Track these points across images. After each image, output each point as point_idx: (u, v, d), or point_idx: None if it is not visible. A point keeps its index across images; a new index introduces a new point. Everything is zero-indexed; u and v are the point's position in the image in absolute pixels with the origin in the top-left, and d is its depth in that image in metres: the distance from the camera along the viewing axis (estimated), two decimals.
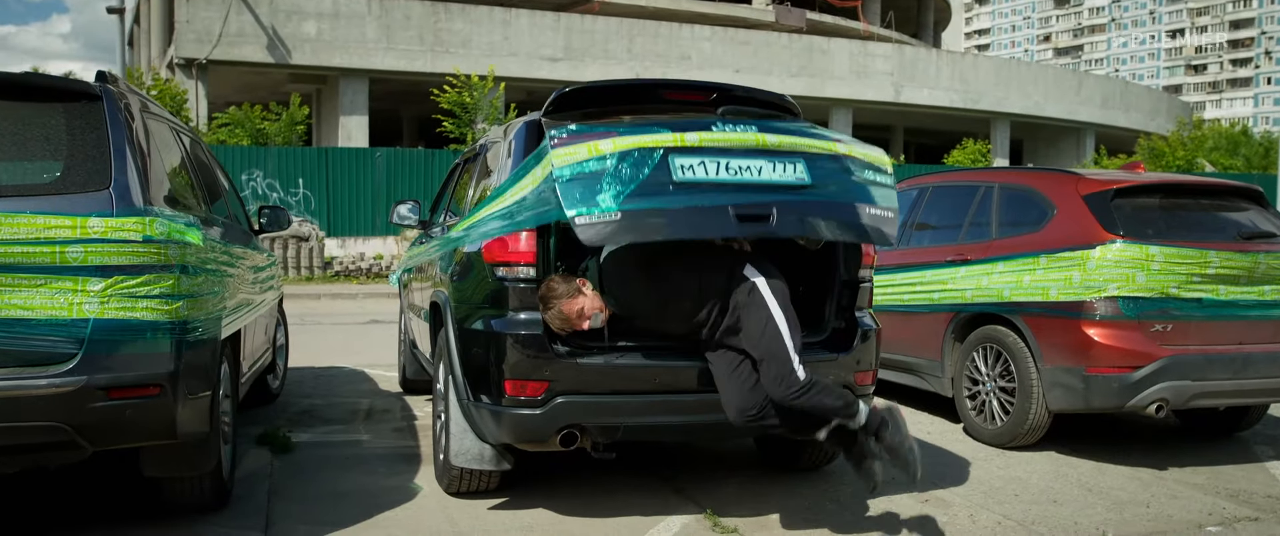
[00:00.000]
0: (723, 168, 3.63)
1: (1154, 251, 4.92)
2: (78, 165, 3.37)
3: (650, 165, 3.54)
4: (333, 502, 4.31)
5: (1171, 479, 4.95)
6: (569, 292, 3.71)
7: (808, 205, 3.71)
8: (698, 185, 3.58)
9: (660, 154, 3.56)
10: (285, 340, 7.08)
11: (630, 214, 3.45)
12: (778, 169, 3.70)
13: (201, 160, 4.96)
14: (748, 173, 3.65)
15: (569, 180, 3.44)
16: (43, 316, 3.17)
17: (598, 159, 3.50)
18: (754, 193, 3.66)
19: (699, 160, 3.61)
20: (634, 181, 3.49)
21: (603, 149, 3.51)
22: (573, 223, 3.40)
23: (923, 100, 30.47)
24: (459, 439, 4.12)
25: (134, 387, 3.29)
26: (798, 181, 3.71)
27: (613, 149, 3.52)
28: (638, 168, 3.52)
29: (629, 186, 3.48)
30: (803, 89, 28.18)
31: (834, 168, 3.83)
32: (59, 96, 3.48)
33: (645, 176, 3.51)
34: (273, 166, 19.58)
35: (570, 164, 3.47)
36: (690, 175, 3.57)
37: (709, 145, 3.66)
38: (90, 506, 4.15)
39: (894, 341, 6.35)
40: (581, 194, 3.43)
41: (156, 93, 20.47)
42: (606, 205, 3.43)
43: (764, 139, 3.73)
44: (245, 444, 5.29)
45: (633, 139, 3.56)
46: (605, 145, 3.51)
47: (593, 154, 3.50)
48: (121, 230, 3.27)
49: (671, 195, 3.53)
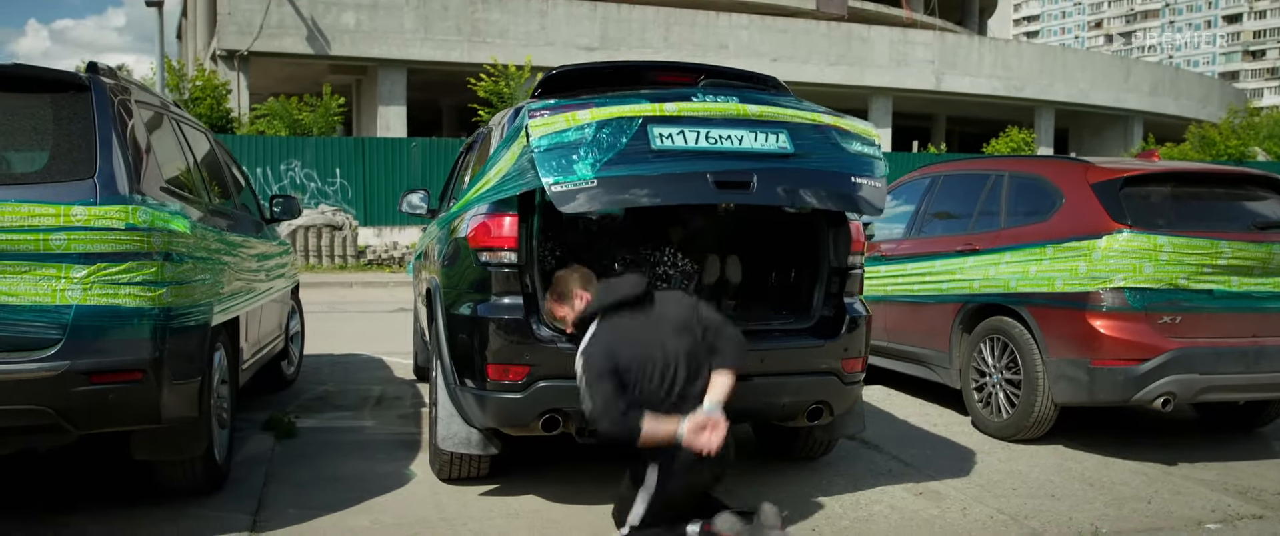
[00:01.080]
0: (702, 136, 3.61)
1: (1162, 241, 4.80)
2: (63, 154, 3.44)
3: (628, 134, 3.53)
4: (327, 487, 4.36)
5: (1179, 474, 4.84)
6: (565, 293, 3.63)
7: (791, 173, 3.67)
8: (676, 153, 3.56)
9: (638, 123, 3.55)
10: (301, 327, 7.17)
11: (607, 181, 3.45)
12: (759, 138, 3.67)
13: (205, 150, 5.03)
14: (728, 141, 3.63)
15: (546, 149, 3.45)
16: (26, 302, 3.25)
17: (576, 128, 3.51)
18: (734, 160, 3.62)
19: (678, 129, 3.59)
20: (612, 150, 3.49)
21: (580, 119, 3.52)
22: (548, 190, 3.41)
23: (964, 88, 30.02)
24: (446, 423, 4.15)
25: (116, 372, 3.35)
26: (780, 150, 3.67)
27: (590, 118, 3.53)
28: (616, 136, 3.52)
29: (606, 154, 3.48)
30: (841, 77, 27.93)
31: (818, 138, 3.78)
32: (47, 87, 3.55)
33: (623, 145, 3.51)
34: (310, 156, 19.85)
35: (547, 134, 3.48)
36: (669, 144, 3.56)
37: (688, 115, 3.64)
38: (85, 488, 4.24)
39: (903, 332, 6.30)
40: (558, 162, 3.44)
41: (200, 84, 20.84)
42: (583, 173, 3.44)
43: (745, 109, 3.70)
44: (250, 428, 5.38)
45: (610, 109, 3.56)
46: (583, 115, 3.52)
47: (571, 124, 3.52)
48: (104, 218, 3.34)
49: (649, 163, 3.52)
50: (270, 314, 5.70)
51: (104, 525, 3.73)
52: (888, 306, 6.42)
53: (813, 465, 4.82)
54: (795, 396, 4.05)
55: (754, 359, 3.97)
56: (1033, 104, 31.66)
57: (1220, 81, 46.27)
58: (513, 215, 3.84)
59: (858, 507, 4.22)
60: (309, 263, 16.88)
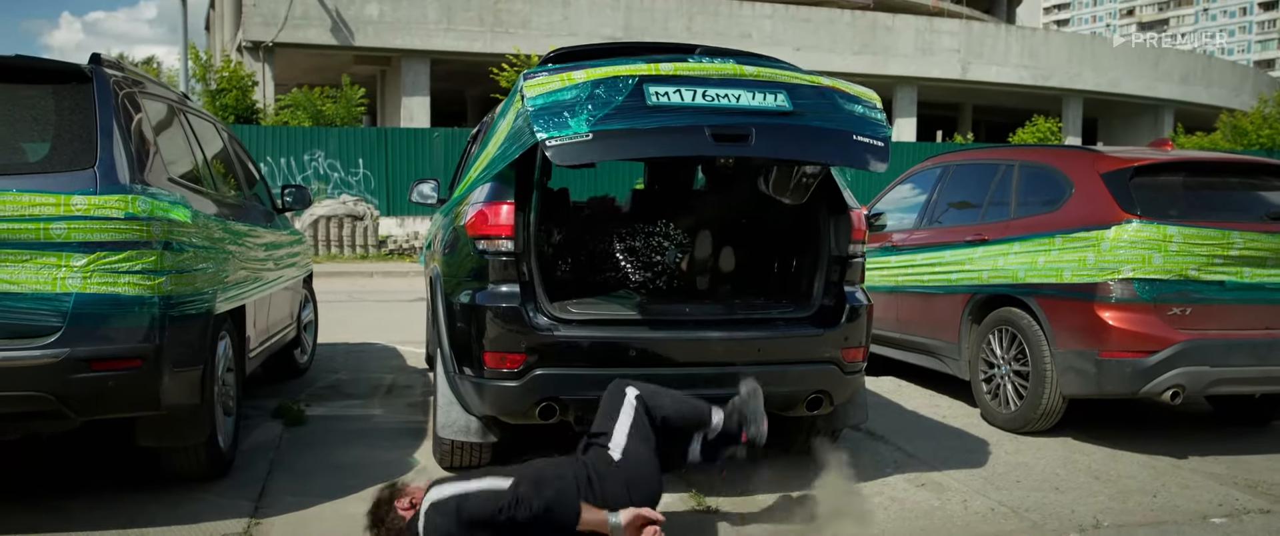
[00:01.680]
0: (699, 94, 3.55)
1: (1172, 232, 4.73)
2: (65, 144, 3.48)
3: (623, 92, 3.50)
4: (330, 474, 4.40)
5: (1188, 468, 4.78)
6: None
7: (791, 129, 3.61)
8: (673, 108, 3.52)
9: (634, 81, 3.52)
10: (314, 317, 7.23)
11: (602, 134, 3.42)
12: (758, 97, 3.61)
13: (212, 141, 5.08)
14: (726, 99, 3.57)
15: (541, 108, 3.43)
16: (28, 290, 3.30)
17: (571, 87, 3.48)
18: (731, 117, 3.57)
19: (675, 87, 3.55)
20: (608, 106, 3.46)
21: (576, 78, 3.50)
22: (543, 145, 3.37)
23: (991, 77, 29.71)
24: (446, 411, 4.17)
25: (116, 360, 3.40)
26: (778, 108, 3.62)
27: (585, 78, 3.50)
28: (611, 93, 3.49)
29: (602, 110, 3.45)
30: (865, 67, 27.71)
31: (818, 99, 3.72)
32: (49, 78, 3.60)
33: (619, 102, 3.47)
34: (334, 147, 20.00)
35: (542, 93, 3.46)
36: (664, 100, 3.51)
37: (685, 74, 3.60)
38: (89, 475, 4.30)
39: (913, 323, 6.26)
40: (553, 119, 3.41)
41: (226, 75, 21.02)
42: (578, 127, 3.41)
43: (742, 69, 3.67)
44: (260, 416, 5.43)
45: (605, 69, 3.53)
46: (578, 75, 3.50)
47: (566, 83, 3.49)
48: (104, 207, 3.38)
49: (646, 117, 3.48)
50: (280, 303, 5.75)
51: (106, 510, 3.78)
52: (898, 297, 6.38)
53: (812, 458, 4.79)
54: (794, 386, 4.04)
55: (752, 348, 3.97)
56: (1061, 93, 31.28)
57: (1254, 70, 45.42)
58: (510, 203, 3.85)
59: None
60: (330, 252, 17.02)
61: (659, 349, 3.88)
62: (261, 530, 3.70)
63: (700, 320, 4.02)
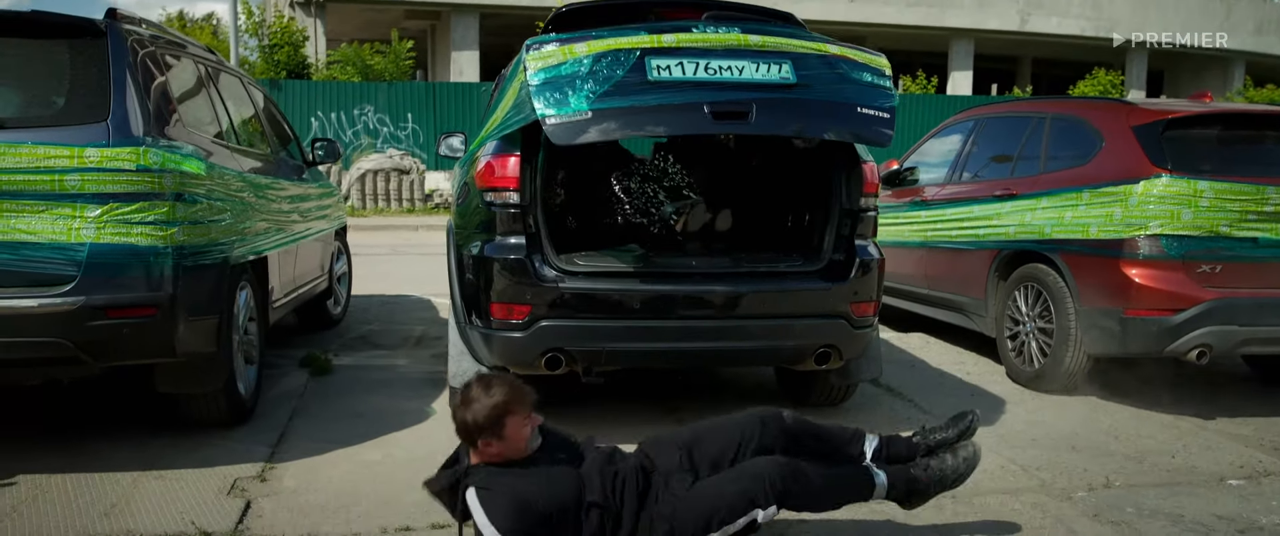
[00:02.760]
0: (701, 67, 3.56)
1: (1203, 186, 4.58)
2: (79, 98, 3.56)
3: (625, 66, 3.52)
4: (349, 422, 4.50)
5: (1215, 429, 4.67)
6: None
7: (792, 103, 3.60)
8: (674, 84, 3.53)
9: (636, 55, 3.53)
10: (348, 269, 7.35)
11: (600, 112, 3.46)
12: (761, 68, 3.60)
13: (237, 96, 5.15)
14: (728, 72, 3.57)
15: (542, 83, 3.47)
16: (44, 240, 3.40)
17: (573, 61, 3.51)
18: (733, 91, 3.57)
19: (676, 61, 3.55)
20: (608, 82, 3.49)
21: (577, 51, 3.51)
22: (543, 123, 3.42)
23: (1051, 29, 28.79)
24: (456, 361, 4.24)
25: (129, 308, 3.50)
26: (782, 80, 3.61)
27: (587, 51, 3.52)
28: (612, 68, 3.51)
29: (602, 87, 3.48)
30: (919, 19, 27.07)
31: (824, 69, 3.70)
32: (65, 32, 3.67)
33: (619, 77, 3.50)
34: (382, 102, 20.16)
35: (544, 67, 3.50)
36: (665, 75, 3.53)
37: (687, 46, 3.60)
38: (119, 421, 4.44)
39: (942, 279, 6.18)
40: (554, 96, 3.45)
41: (278, 30, 21.25)
42: (578, 104, 3.45)
43: (746, 39, 3.64)
44: (288, 365, 5.56)
45: (607, 41, 3.55)
46: (579, 48, 3.52)
47: (568, 56, 3.52)
48: (116, 159, 3.46)
49: (645, 93, 3.51)
50: (308, 254, 5.85)
51: (128, 452, 3.92)
52: (928, 252, 6.30)
53: (831, 411, 4.78)
54: (801, 339, 4.02)
55: (757, 301, 3.96)
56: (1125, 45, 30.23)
57: None
58: (516, 155, 3.87)
59: None
60: (377, 206, 17.24)
61: (661, 301, 3.89)
62: (275, 474, 3.80)
63: (707, 273, 4.01)
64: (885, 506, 3.57)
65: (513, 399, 2.76)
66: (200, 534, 3.19)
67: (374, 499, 3.57)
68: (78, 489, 3.54)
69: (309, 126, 19.40)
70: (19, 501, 3.42)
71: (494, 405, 2.73)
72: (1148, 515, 3.56)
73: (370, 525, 3.33)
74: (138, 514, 3.34)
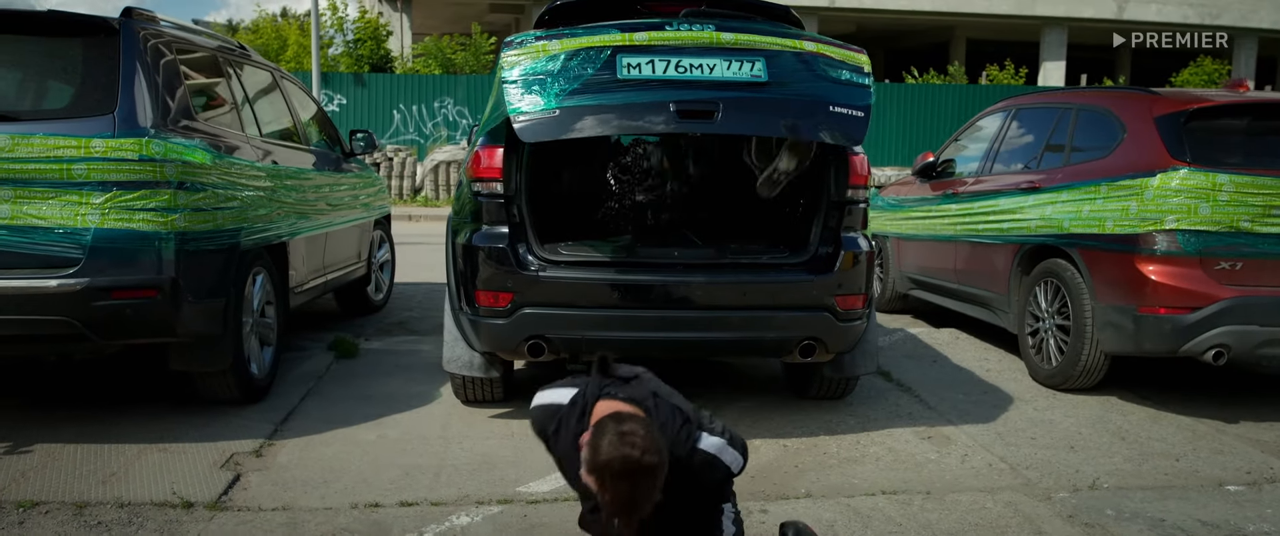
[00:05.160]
0: (672, 66, 3.62)
1: (1222, 180, 4.40)
2: (89, 91, 3.80)
3: (595, 64, 3.61)
4: (356, 404, 4.67)
5: (1233, 433, 4.49)
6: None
7: (759, 102, 3.64)
8: (643, 82, 3.60)
9: (608, 53, 3.61)
10: (391, 257, 7.57)
11: (568, 110, 3.55)
12: (732, 66, 3.64)
13: (263, 90, 5.38)
14: (698, 71, 3.63)
15: (514, 81, 3.58)
16: (53, 225, 3.64)
17: (547, 59, 3.62)
18: (702, 90, 3.62)
19: (647, 59, 3.62)
20: (578, 80, 3.58)
21: (552, 50, 3.61)
22: (512, 120, 3.53)
23: (1151, 16, 27.57)
24: (451, 346, 4.36)
25: (132, 289, 3.72)
26: (752, 79, 3.64)
27: (561, 49, 3.61)
28: (583, 66, 3.60)
29: (572, 85, 3.58)
30: (1009, 8, 26.30)
31: (797, 66, 3.72)
32: (80, 30, 3.91)
33: (589, 75, 3.59)
34: (462, 94, 20.57)
35: (518, 66, 3.60)
36: (635, 73, 3.60)
37: (659, 44, 3.66)
38: (137, 397, 4.69)
39: (970, 273, 6.07)
40: (524, 94, 3.56)
41: (361, 25, 21.90)
42: (547, 103, 3.55)
43: (719, 36, 3.67)
44: (318, 348, 5.79)
45: (581, 39, 3.63)
46: (553, 46, 3.62)
47: (542, 54, 3.63)
48: (120, 150, 3.68)
49: (613, 92, 3.59)
50: (340, 242, 6.05)
51: (139, 426, 4.16)
52: (957, 246, 6.18)
53: (832, 404, 4.76)
54: (782, 331, 4.02)
55: (736, 292, 3.97)
56: (1231, 32, 28.77)
57: None
58: (500, 147, 3.96)
59: (855, 448, 4.16)
60: (447, 197, 17.63)
61: (642, 291, 3.94)
62: (271, 450, 3.99)
63: (687, 264, 4.05)
64: (854, 502, 3.58)
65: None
66: (183, 503, 3.39)
67: (355, 476, 3.72)
68: (85, 458, 3.78)
69: (391, 118, 19.96)
70: (29, 468, 3.67)
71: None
72: (1127, 518, 3.46)
73: (342, 500, 3.48)
74: (133, 482, 3.56)
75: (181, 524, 3.24)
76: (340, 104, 19.93)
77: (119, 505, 3.36)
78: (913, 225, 6.80)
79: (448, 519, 3.34)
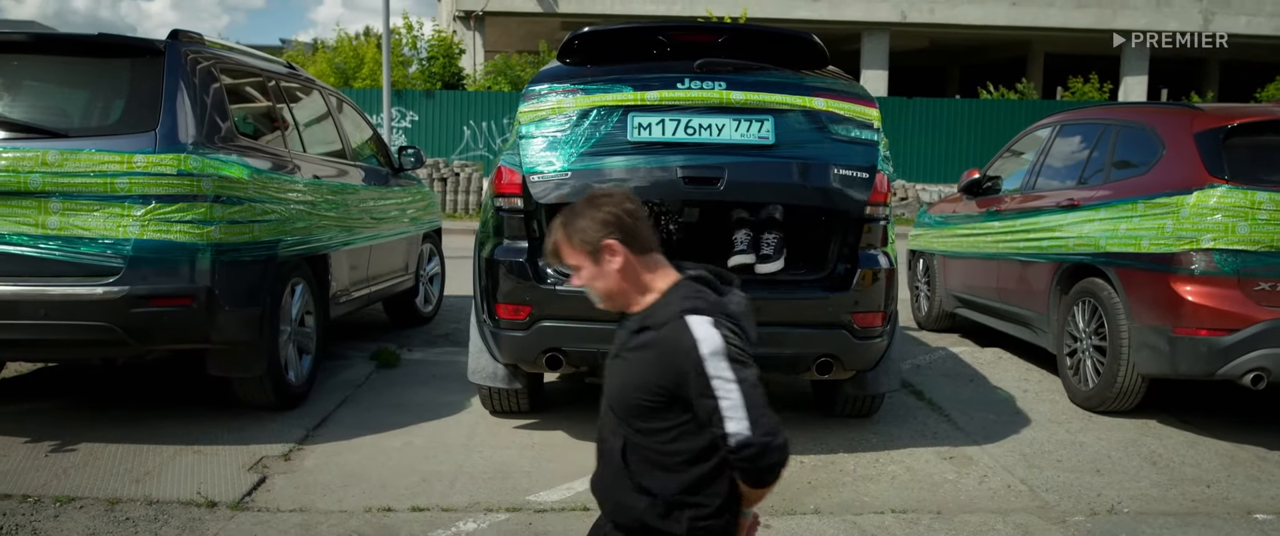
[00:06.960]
0: (682, 127, 3.78)
1: (1262, 198, 4.27)
2: (134, 110, 4.01)
3: (608, 123, 3.80)
4: (389, 412, 4.81)
5: (1276, 460, 4.34)
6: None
7: (765, 167, 3.79)
8: (652, 145, 3.76)
9: (620, 112, 3.75)
10: (441, 270, 7.75)
11: (579, 173, 3.73)
12: (741, 128, 3.79)
13: (311, 110, 5.58)
14: (707, 132, 3.78)
15: (529, 137, 3.75)
16: (97, 235, 3.85)
17: (560, 115, 3.83)
18: (709, 154, 3.79)
19: (658, 119, 3.77)
20: (590, 141, 3.78)
21: (565, 107, 3.78)
22: (527, 180, 3.68)
23: (1239, 29, 26.64)
24: (476, 357, 4.46)
25: (169, 298, 3.92)
26: (760, 141, 3.78)
27: (574, 107, 3.77)
28: (596, 126, 3.81)
29: (584, 146, 3.77)
30: (1089, 21, 25.68)
31: (806, 126, 3.87)
32: (128, 52, 4.14)
33: (601, 135, 3.79)
34: None
35: (534, 120, 3.77)
36: (646, 135, 3.76)
37: (669, 103, 3.81)
38: (181, 400, 4.90)
39: (1011, 292, 5.98)
40: (539, 151, 3.78)
41: (434, 44, 22.45)
42: (560, 164, 3.74)
43: (729, 96, 3.78)
44: (361, 357, 5.96)
45: (595, 97, 3.79)
46: (568, 103, 3.77)
47: (556, 111, 3.82)
48: (160, 165, 3.88)
49: (624, 154, 3.78)
50: (386, 255, 6.23)
51: (179, 428, 4.35)
52: (999, 264, 6.09)
53: (857, 422, 4.73)
54: (798, 348, 4.03)
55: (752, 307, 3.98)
56: None
57: None
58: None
59: (872, 466, 4.14)
60: None
61: None
62: (300, 454, 4.14)
63: None
64: (861, 519, 3.57)
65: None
66: (207, 502, 3.54)
67: (375, 481, 3.84)
68: (124, 457, 3.98)
69: (460, 135, 20.39)
70: (71, 465, 3.88)
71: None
72: None
73: (357, 503, 3.60)
74: (164, 481, 3.74)
75: (203, 522, 3.39)
76: (413, 120, 20.44)
77: (148, 502, 3.53)
78: (958, 242, 6.72)
79: (455, 524, 3.43)
